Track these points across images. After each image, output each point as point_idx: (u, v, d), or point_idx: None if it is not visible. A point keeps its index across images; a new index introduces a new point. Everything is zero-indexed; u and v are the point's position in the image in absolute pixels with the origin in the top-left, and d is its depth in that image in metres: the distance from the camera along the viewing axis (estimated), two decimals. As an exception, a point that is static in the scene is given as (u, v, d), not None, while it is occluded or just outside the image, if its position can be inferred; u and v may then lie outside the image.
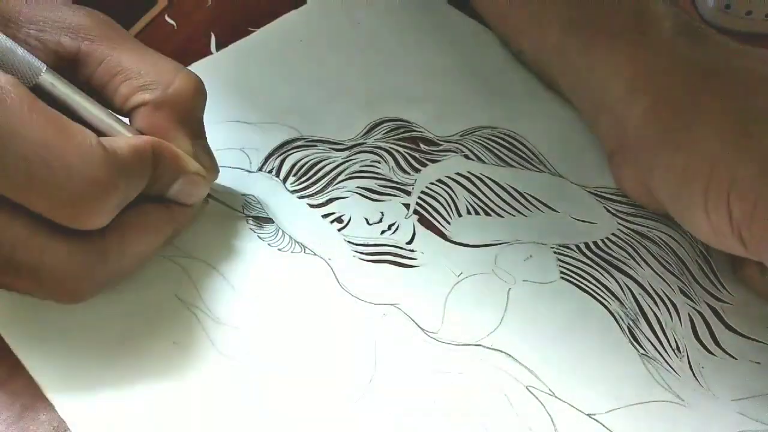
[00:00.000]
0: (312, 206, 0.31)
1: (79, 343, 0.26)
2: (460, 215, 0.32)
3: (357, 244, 0.30)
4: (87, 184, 0.22)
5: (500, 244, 0.31)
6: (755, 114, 0.25)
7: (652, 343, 0.28)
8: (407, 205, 0.32)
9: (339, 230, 0.31)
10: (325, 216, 0.31)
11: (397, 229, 0.31)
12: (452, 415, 0.25)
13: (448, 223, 0.31)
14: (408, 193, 0.32)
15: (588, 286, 0.29)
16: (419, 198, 0.32)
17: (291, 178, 0.32)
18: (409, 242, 0.30)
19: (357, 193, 0.32)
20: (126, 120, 0.27)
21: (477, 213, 0.32)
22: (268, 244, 0.30)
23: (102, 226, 0.23)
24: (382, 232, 0.31)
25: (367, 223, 0.31)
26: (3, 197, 0.21)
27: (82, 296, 0.24)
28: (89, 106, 0.25)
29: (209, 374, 0.26)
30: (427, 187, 0.33)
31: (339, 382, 0.26)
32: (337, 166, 0.33)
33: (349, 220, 0.31)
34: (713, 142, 0.26)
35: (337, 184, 0.32)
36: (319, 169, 0.33)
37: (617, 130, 0.30)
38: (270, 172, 0.33)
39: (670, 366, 0.27)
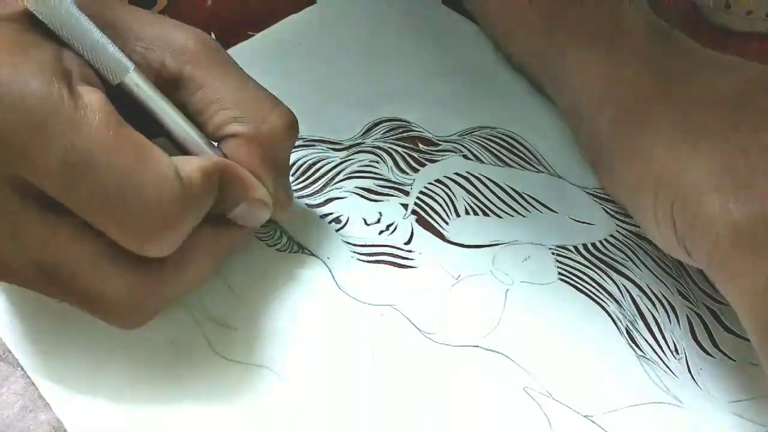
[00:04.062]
0: (310, 206, 0.31)
1: (76, 343, 0.26)
2: (458, 215, 0.32)
3: (355, 245, 0.30)
4: (159, 218, 0.21)
5: (498, 244, 0.31)
6: (705, 130, 0.25)
7: (650, 345, 0.28)
8: (405, 206, 0.32)
9: (337, 230, 0.31)
10: (323, 216, 0.31)
11: (395, 229, 0.31)
12: (449, 416, 0.25)
13: (447, 223, 0.31)
14: (406, 193, 0.32)
15: (586, 288, 0.29)
16: (418, 198, 0.32)
17: (289, 178, 0.32)
18: (407, 243, 0.30)
19: (355, 193, 0.32)
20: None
21: (475, 213, 0.32)
22: (266, 244, 0.30)
23: (168, 254, 0.23)
24: (380, 232, 0.31)
25: (365, 223, 0.31)
26: (71, 220, 0.21)
27: (139, 323, 0.24)
28: (171, 113, 0.25)
29: (206, 375, 0.26)
30: (425, 187, 0.33)
31: (336, 383, 0.26)
32: (336, 166, 0.33)
33: (347, 220, 0.31)
34: (663, 155, 0.26)
35: (335, 184, 0.32)
36: (318, 169, 0.33)
37: (592, 141, 0.30)
38: (268, 171, 0.33)
39: (668, 368, 0.27)
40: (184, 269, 0.24)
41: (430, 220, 0.31)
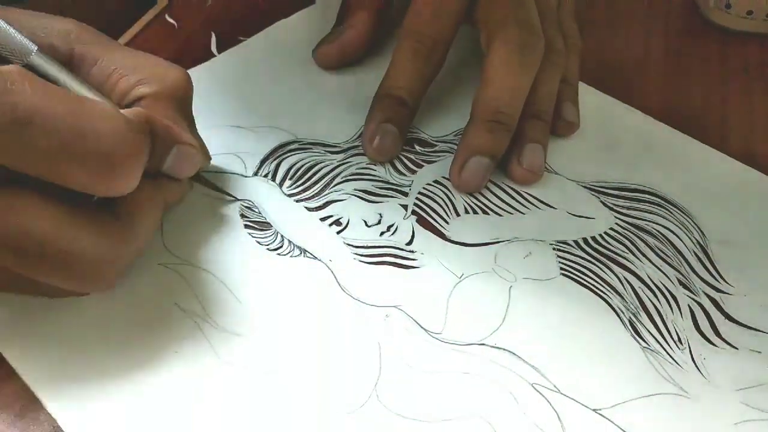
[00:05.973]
0: (310, 209, 0.31)
1: (79, 354, 0.26)
2: (458, 215, 0.32)
3: (357, 246, 0.30)
4: (120, 145, 0.22)
5: (499, 242, 0.31)
6: None
7: (653, 336, 0.28)
8: (405, 206, 0.32)
9: (338, 233, 0.30)
10: (323, 219, 0.31)
11: (396, 230, 0.31)
12: (459, 414, 0.25)
13: (447, 222, 0.31)
14: (405, 195, 0.32)
15: (588, 282, 0.29)
16: (417, 199, 0.32)
17: (287, 182, 0.32)
18: (409, 243, 0.30)
19: (354, 195, 0.32)
20: None
21: (475, 212, 0.32)
22: (267, 249, 0.30)
23: (131, 190, 0.24)
24: (381, 233, 0.31)
25: (366, 225, 0.31)
26: (28, 192, 0.22)
27: (112, 280, 0.25)
28: (80, 87, 0.25)
29: (212, 382, 0.26)
30: (424, 188, 0.33)
31: (344, 386, 0.26)
32: (333, 168, 0.33)
33: (348, 222, 0.31)
34: None
35: (333, 186, 0.32)
36: (315, 172, 0.33)
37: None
38: (266, 176, 0.32)
39: (672, 358, 0.27)
40: (136, 220, 0.25)
41: (430, 220, 0.31)
